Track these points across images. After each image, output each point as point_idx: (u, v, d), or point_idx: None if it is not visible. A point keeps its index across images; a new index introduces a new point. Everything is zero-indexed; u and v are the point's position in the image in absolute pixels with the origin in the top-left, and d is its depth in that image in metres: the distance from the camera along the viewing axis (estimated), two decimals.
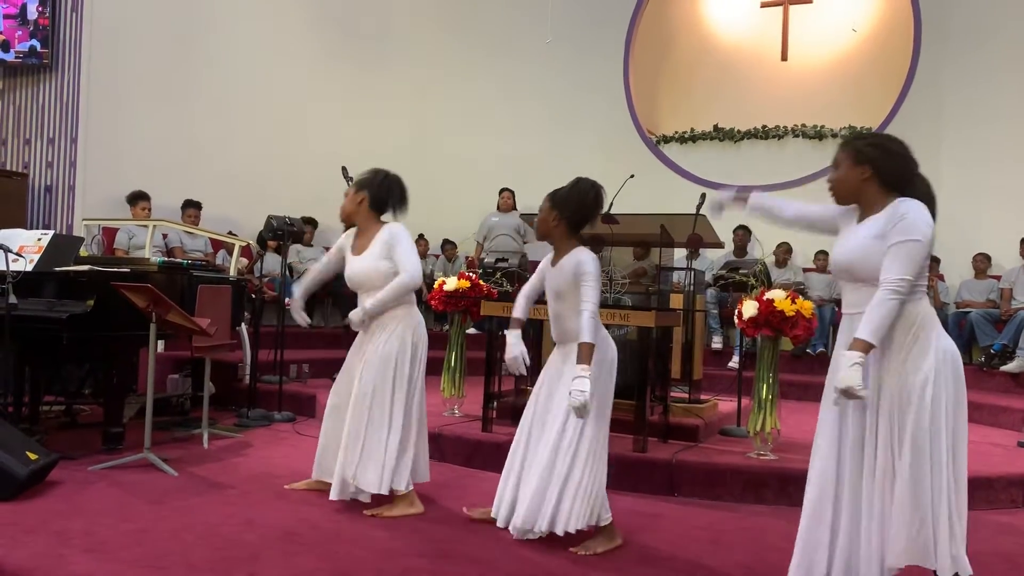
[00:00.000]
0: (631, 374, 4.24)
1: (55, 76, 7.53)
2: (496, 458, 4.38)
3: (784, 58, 9.53)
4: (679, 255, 7.03)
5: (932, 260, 2.42)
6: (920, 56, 8.79)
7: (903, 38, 8.92)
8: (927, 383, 2.37)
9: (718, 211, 2.95)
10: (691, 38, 10.10)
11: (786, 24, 9.52)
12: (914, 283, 2.40)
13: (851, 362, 2.34)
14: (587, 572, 2.91)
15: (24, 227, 6.57)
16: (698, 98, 9.96)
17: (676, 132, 9.85)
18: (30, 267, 4.36)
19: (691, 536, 3.38)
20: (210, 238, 7.44)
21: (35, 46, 7.46)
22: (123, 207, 7.12)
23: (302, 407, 5.82)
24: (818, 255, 8.34)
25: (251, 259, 7.25)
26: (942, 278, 7.99)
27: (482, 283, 5.27)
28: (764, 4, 9.66)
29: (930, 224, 2.40)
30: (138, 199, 7.02)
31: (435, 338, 6.69)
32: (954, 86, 8.60)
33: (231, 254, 6.68)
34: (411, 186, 3.75)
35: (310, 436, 5.09)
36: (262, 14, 8.56)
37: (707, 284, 7.27)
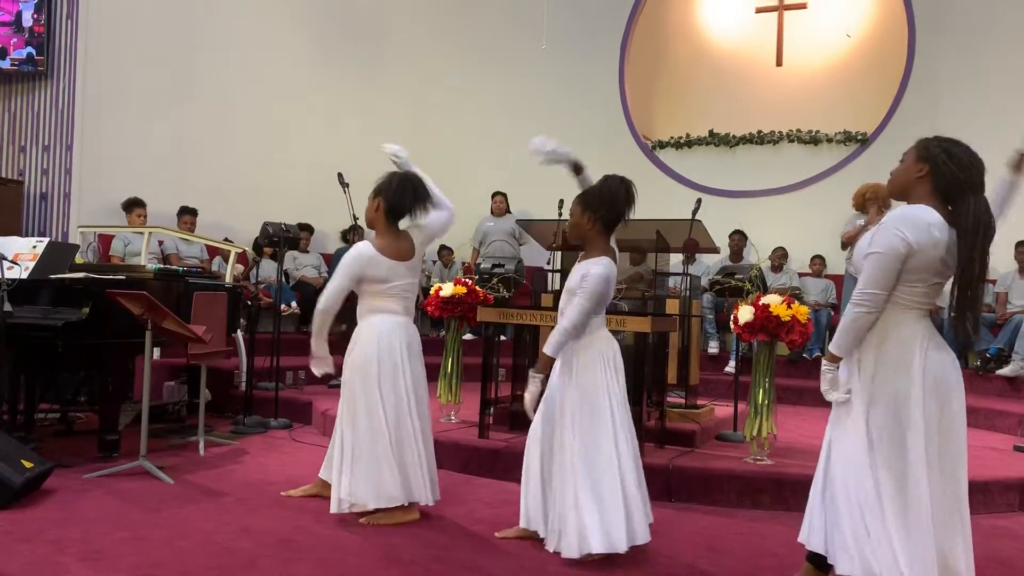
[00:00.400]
0: (628, 379, 4.22)
1: (50, 83, 7.53)
2: (493, 464, 4.39)
3: (779, 63, 9.55)
4: (675, 260, 7.04)
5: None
6: (914, 60, 8.83)
7: (897, 43, 8.96)
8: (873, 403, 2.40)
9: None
10: (686, 44, 10.12)
11: (781, 29, 9.55)
12: (878, 294, 2.38)
13: (822, 370, 2.45)
14: None
15: (19, 234, 6.58)
16: (693, 103, 9.98)
17: (672, 137, 9.87)
18: (25, 275, 4.35)
19: (688, 541, 3.38)
20: (206, 245, 7.42)
21: (31, 53, 7.46)
22: (119, 214, 7.10)
23: (298, 414, 5.81)
24: (814, 260, 8.34)
25: (247, 266, 7.24)
26: None
27: (478, 289, 5.27)
28: (759, 10, 9.68)
29: (901, 236, 2.33)
30: (134, 206, 7.01)
31: (431, 344, 6.66)
32: (948, 90, 8.62)
33: (227, 261, 6.66)
34: None
35: (306, 443, 5.09)
36: (258, 21, 8.56)
37: (703, 289, 7.27)
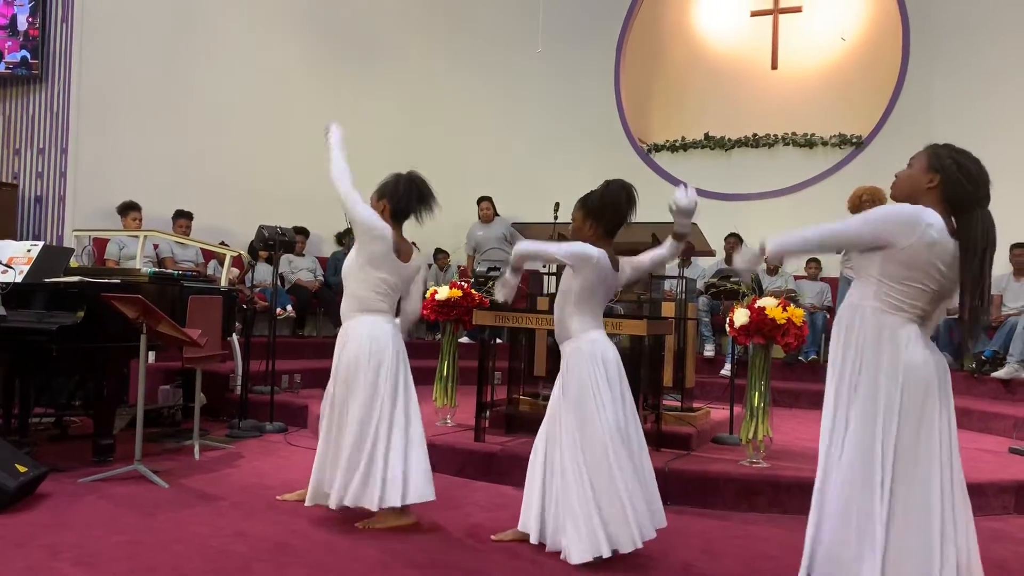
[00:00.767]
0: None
1: (45, 87, 7.52)
2: (488, 468, 4.39)
3: (774, 67, 9.59)
4: (670, 263, 7.04)
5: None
6: (909, 64, 8.87)
7: (892, 46, 9.00)
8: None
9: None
10: (682, 47, 10.15)
11: (776, 33, 9.58)
12: (837, 237, 2.51)
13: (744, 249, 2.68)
14: None
15: (14, 238, 6.54)
16: (689, 107, 10.00)
17: (667, 141, 9.89)
18: (20, 278, 4.35)
19: (683, 544, 3.38)
20: (201, 248, 7.42)
21: (25, 57, 7.45)
22: (113, 218, 7.09)
23: (294, 418, 5.79)
24: (809, 263, 8.36)
25: (242, 269, 7.23)
26: None
27: (474, 292, 5.27)
28: (754, 13, 9.71)
29: (869, 222, 2.43)
30: (129, 209, 7.00)
31: (427, 347, 6.68)
32: (943, 94, 8.66)
33: (222, 264, 6.66)
34: None
35: (302, 447, 5.08)
36: (251, 25, 8.56)
37: (699, 292, 7.29)
